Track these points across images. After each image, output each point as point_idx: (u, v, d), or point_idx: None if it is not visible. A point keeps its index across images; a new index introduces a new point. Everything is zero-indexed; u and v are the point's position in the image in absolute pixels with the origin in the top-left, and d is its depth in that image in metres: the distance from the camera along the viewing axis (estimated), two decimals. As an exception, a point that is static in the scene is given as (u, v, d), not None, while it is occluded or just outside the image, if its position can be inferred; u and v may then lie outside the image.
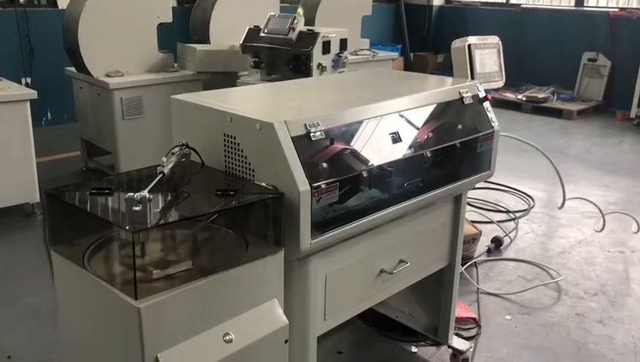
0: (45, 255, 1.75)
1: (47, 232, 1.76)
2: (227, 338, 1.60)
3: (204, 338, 1.57)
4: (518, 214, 4.56)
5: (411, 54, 9.89)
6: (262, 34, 4.70)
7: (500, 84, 3.55)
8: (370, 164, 1.92)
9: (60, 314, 1.81)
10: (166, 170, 1.72)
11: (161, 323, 1.48)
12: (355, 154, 1.90)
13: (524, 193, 5.02)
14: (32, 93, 4.26)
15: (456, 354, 2.76)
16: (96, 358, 1.69)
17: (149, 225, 1.49)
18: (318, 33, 4.44)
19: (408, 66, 9.54)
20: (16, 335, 2.98)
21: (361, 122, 1.96)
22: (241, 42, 4.80)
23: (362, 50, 6.40)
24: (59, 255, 1.70)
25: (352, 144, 1.90)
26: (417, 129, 2.14)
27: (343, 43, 4.58)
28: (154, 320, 1.46)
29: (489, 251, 3.93)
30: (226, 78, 5.09)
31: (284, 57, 4.57)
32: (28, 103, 4.22)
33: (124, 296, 1.46)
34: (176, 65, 5.34)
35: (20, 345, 2.89)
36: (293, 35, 4.49)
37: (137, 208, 1.47)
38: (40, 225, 4.26)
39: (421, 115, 2.18)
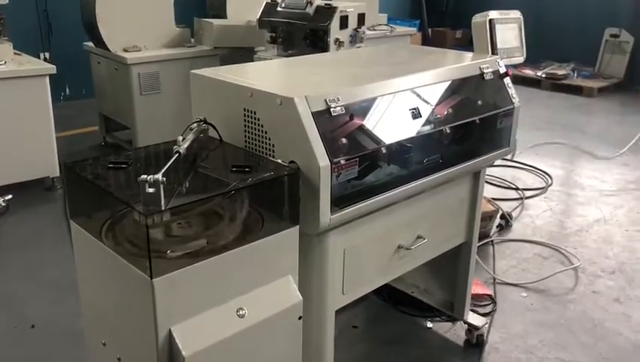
0: (66, 227, 1.78)
1: (67, 204, 1.78)
2: (240, 313, 1.62)
3: (218, 313, 1.59)
4: (526, 193, 4.51)
5: (429, 30, 9.75)
6: (279, 8, 4.66)
7: (521, 59, 3.49)
8: (389, 140, 1.92)
9: (80, 284, 1.84)
10: (182, 150, 1.72)
11: (175, 297, 1.50)
12: (374, 129, 1.89)
13: (542, 171, 4.98)
14: (51, 68, 4.29)
15: (471, 329, 2.78)
16: (114, 329, 1.72)
17: (162, 208, 1.48)
18: (335, 8, 4.40)
19: (426, 42, 9.41)
20: (39, 305, 3.05)
21: (381, 98, 1.95)
22: (258, 17, 4.77)
23: (380, 25, 6.32)
24: (78, 226, 1.73)
25: (371, 119, 1.90)
26: (437, 105, 2.12)
27: (361, 18, 4.52)
28: (167, 293, 1.48)
29: (501, 228, 3.91)
30: (243, 54, 5.07)
31: (301, 32, 4.53)
32: (47, 78, 4.25)
33: (139, 270, 1.48)
34: (193, 40, 5.34)
35: (42, 315, 2.96)
36: (310, 10, 4.45)
37: (151, 190, 1.47)
38: (60, 198, 4.32)
39: (441, 91, 2.16)
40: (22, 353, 2.71)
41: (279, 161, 1.77)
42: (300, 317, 1.76)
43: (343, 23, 4.40)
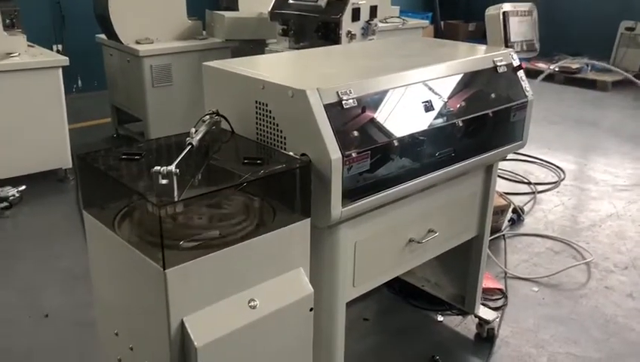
0: (78, 218, 1.79)
1: (80, 195, 1.79)
2: (252, 304, 1.62)
3: (230, 304, 1.59)
4: (539, 187, 4.49)
5: (442, 22, 9.69)
6: (291, 1, 4.65)
7: (535, 52, 3.46)
8: (401, 132, 1.91)
9: (92, 274, 1.86)
10: (194, 141, 1.72)
11: (187, 288, 1.51)
12: (386, 122, 1.88)
13: (555, 165, 4.94)
14: (64, 60, 4.31)
15: (482, 323, 2.78)
16: (126, 319, 1.74)
17: (175, 199, 1.49)
18: (347, 0, 4.38)
19: (439, 35, 9.34)
20: (52, 295, 3.09)
21: (393, 90, 1.94)
22: (269, 9, 4.76)
23: (392, 17, 6.28)
24: (91, 217, 1.74)
25: (383, 112, 1.89)
26: (450, 97, 2.11)
27: (373, 10, 4.50)
28: (180, 284, 1.48)
29: (512, 222, 3.89)
30: (254, 46, 5.07)
31: (312, 24, 4.52)
32: (60, 70, 4.28)
33: (152, 261, 1.49)
34: (204, 32, 5.34)
35: (56, 305, 2.99)
36: (322, 2, 4.44)
37: (164, 182, 1.47)
38: (73, 189, 4.35)
39: (454, 84, 2.15)
40: (36, 342, 2.74)
41: (291, 153, 1.77)
42: (311, 309, 1.76)
43: (355, 15, 4.38)
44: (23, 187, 4.16)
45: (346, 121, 1.78)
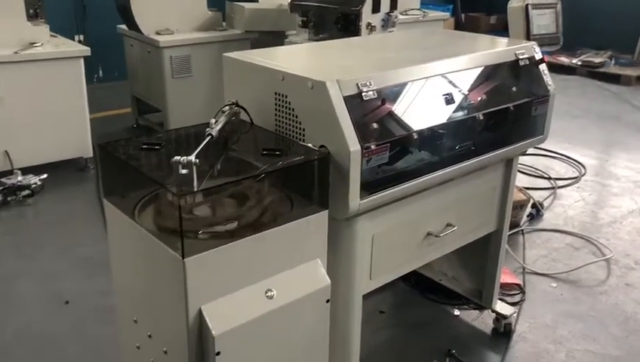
0: (98, 207, 1.81)
1: (101, 184, 1.81)
2: (269, 294, 1.63)
3: (247, 293, 1.61)
4: (559, 183, 4.43)
5: (462, 15, 9.58)
6: (310, -8, 4.63)
7: (557, 46, 3.41)
8: (421, 125, 1.90)
9: (112, 262, 1.88)
10: (214, 132, 1.73)
11: (205, 277, 1.52)
12: (406, 115, 1.87)
13: (576, 160, 4.88)
14: (86, 50, 4.35)
15: (499, 318, 2.76)
16: (145, 307, 1.76)
17: (194, 189, 1.50)
18: (367, -8, 4.35)
19: (459, 27, 9.23)
20: (73, 282, 3.13)
21: (413, 82, 1.93)
22: (289, 1, 4.75)
23: (412, 9, 6.24)
24: (111, 205, 1.76)
25: (403, 105, 1.88)
26: (470, 90, 2.09)
27: (393, 2, 4.46)
28: (198, 273, 1.50)
29: (531, 217, 3.85)
30: (274, 38, 5.06)
31: (332, 16, 4.50)
32: (82, 60, 4.32)
33: (171, 250, 1.51)
34: (224, 24, 5.35)
35: (76, 292, 3.04)
36: (342, -7, 4.42)
37: (184, 172, 1.49)
38: (93, 178, 4.40)
39: (475, 76, 2.13)
40: (56, 328, 2.79)
41: (309, 145, 1.77)
42: (327, 301, 1.77)
43: (375, 7, 4.35)
44: (45, 175, 4.21)
45: (366, 113, 1.77)
